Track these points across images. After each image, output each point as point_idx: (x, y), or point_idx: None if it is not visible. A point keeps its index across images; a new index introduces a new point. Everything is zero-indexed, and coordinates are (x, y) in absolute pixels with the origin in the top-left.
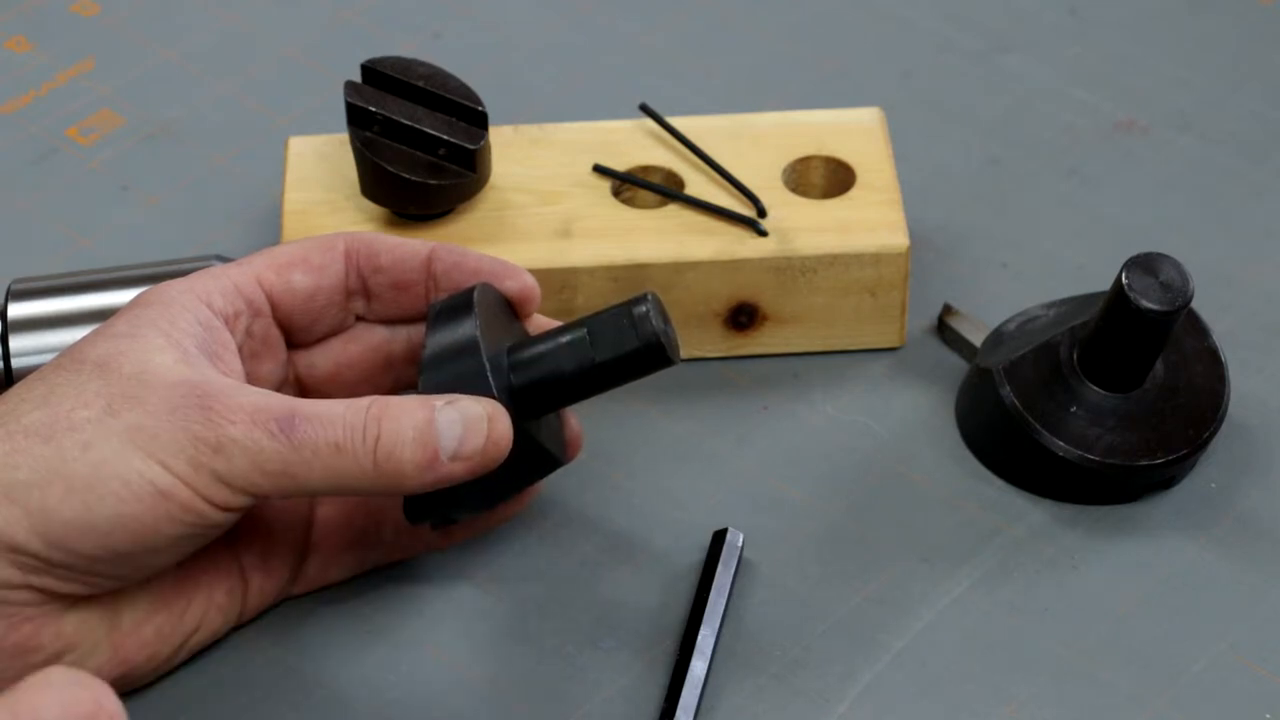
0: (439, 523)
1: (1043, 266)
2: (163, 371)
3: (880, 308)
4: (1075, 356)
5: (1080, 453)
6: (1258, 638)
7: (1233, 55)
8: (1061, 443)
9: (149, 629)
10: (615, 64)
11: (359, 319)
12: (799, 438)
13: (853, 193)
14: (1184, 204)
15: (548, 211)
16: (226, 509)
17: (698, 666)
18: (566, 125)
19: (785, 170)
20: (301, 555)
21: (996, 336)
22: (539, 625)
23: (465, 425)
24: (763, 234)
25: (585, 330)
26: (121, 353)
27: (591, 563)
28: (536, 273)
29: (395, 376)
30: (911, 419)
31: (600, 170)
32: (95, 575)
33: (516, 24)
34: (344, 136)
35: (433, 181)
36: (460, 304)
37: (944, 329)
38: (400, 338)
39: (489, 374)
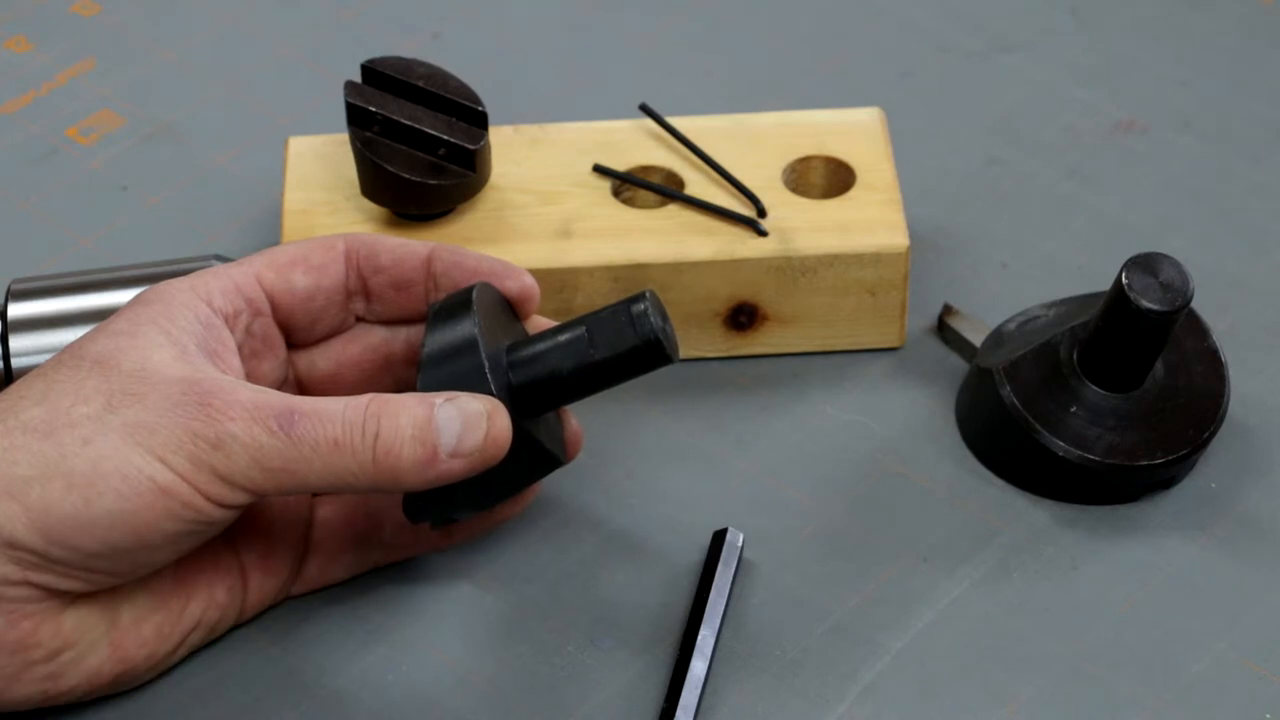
0: (439, 522)
1: (1043, 266)
2: (162, 368)
3: (880, 308)
4: (1075, 356)
5: (1080, 453)
6: (1258, 638)
7: (1233, 55)
8: (1061, 443)
9: (148, 627)
10: (615, 64)
11: (359, 319)
12: (799, 438)
13: (853, 193)
14: (1184, 204)
15: (548, 211)
16: (225, 506)
17: (698, 666)
18: (566, 125)
19: (785, 170)
20: (302, 555)
21: (996, 336)
22: (539, 625)
23: (464, 422)
24: (763, 234)
25: (584, 328)
26: (121, 350)
27: (591, 563)
28: (536, 273)
29: (395, 377)
30: (911, 419)
31: (600, 170)
32: (94, 572)
33: (516, 24)
34: (344, 136)
35: (433, 181)
36: (459, 303)
37: (944, 329)
38: (400, 338)
39: (488, 373)
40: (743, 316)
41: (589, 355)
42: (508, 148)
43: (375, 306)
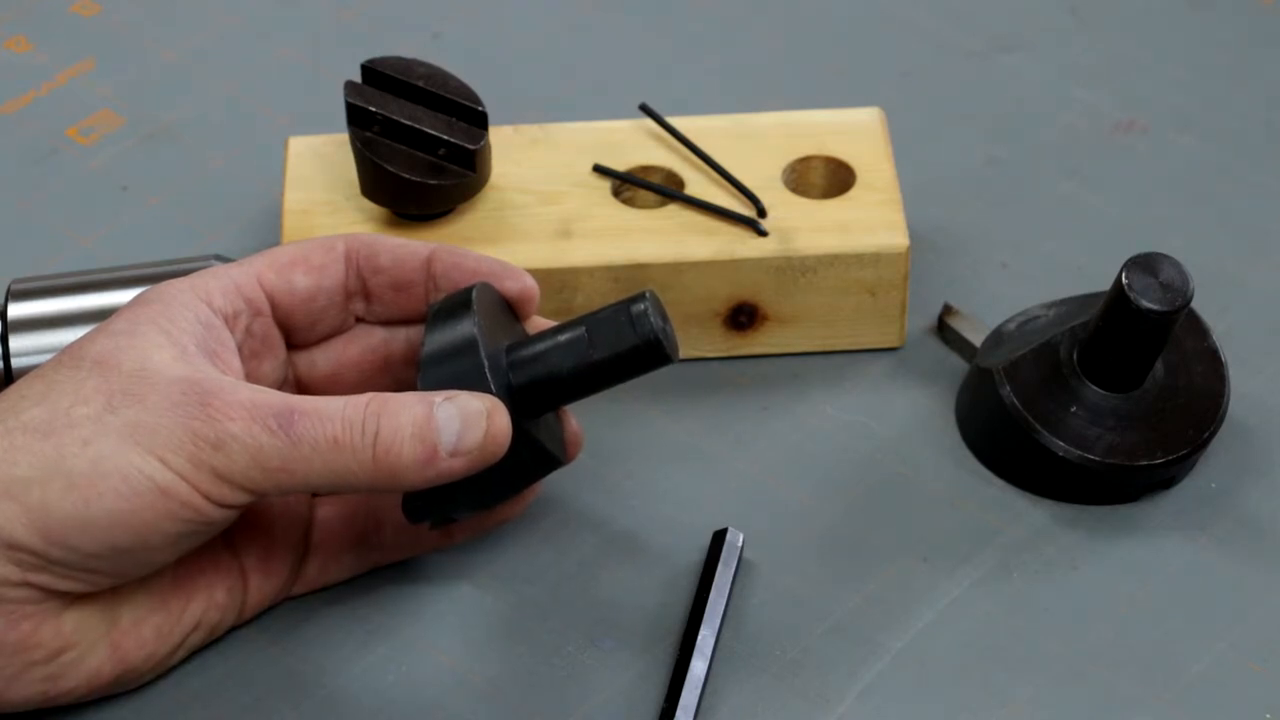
0: (438, 522)
1: (1043, 266)
2: (162, 368)
3: (880, 308)
4: (1075, 356)
5: (1080, 453)
6: (1258, 638)
7: (1233, 55)
8: (1061, 443)
9: (148, 628)
10: (615, 64)
11: (359, 320)
12: (799, 438)
13: (853, 193)
14: (1184, 204)
15: (548, 211)
16: (225, 506)
17: (698, 666)
18: (566, 125)
19: (785, 170)
20: (301, 555)
21: (996, 336)
22: (539, 625)
23: (464, 420)
24: (763, 234)
25: (584, 328)
26: (121, 350)
27: (591, 563)
28: (536, 273)
29: (395, 378)
30: (911, 419)
31: (600, 170)
32: (94, 572)
33: (516, 24)
34: (344, 136)
35: (433, 181)
36: (459, 303)
37: (944, 329)
38: (399, 339)
39: (488, 372)
40: (743, 316)
41: (589, 355)
42: (508, 148)
43: (375, 307)
